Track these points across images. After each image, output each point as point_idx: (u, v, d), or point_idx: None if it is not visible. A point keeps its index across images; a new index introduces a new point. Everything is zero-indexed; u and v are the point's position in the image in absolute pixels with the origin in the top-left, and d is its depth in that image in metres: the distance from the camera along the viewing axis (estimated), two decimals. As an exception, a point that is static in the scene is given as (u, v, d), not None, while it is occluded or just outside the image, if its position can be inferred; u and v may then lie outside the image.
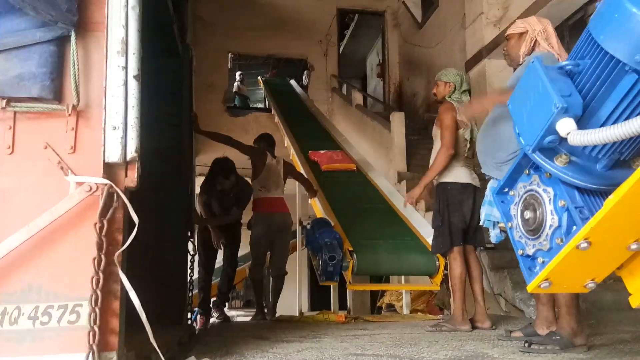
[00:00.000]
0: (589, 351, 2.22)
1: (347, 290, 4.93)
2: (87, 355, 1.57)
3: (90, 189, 1.71)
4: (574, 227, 1.12)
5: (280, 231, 4.74)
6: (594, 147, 1.10)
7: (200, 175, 6.66)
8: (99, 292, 1.62)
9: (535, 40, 2.54)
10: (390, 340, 2.66)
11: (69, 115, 1.78)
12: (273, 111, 9.41)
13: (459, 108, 3.22)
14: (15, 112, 1.78)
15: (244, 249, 5.14)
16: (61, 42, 1.82)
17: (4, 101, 1.73)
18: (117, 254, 1.69)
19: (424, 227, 4.79)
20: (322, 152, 6.42)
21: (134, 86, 1.80)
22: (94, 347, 1.58)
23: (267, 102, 12.00)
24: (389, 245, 4.54)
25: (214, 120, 9.21)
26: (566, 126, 1.05)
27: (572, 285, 1.19)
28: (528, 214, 1.23)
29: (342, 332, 3.12)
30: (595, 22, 1.06)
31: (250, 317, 5.64)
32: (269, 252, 4.86)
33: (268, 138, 5.13)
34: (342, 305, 6.28)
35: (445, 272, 4.47)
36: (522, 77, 1.20)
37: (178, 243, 3.61)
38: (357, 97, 9.55)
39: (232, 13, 10.79)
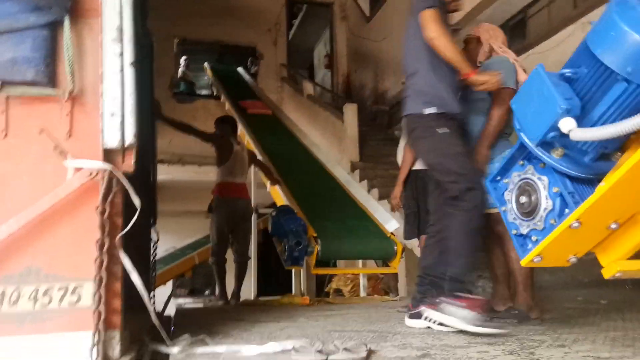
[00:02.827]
0: (543, 323, 2.47)
1: (300, 275, 5.11)
2: (94, 334, 1.63)
3: (91, 173, 1.75)
4: (566, 210, 1.32)
5: (243, 217, 4.81)
6: (585, 142, 1.30)
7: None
8: (103, 274, 1.67)
9: (490, 46, 2.73)
10: (362, 319, 2.83)
11: (65, 100, 1.79)
12: (223, 99, 9.36)
13: None
14: (8, 97, 1.77)
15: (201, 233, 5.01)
16: (54, 27, 1.81)
17: (-2, 84, 1.73)
18: (118, 236, 1.74)
19: (380, 213, 5.00)
20: (248, 101, 8.51)
21: (130, 73, 1.84)
22: (100, 326, 1.64)
23: (213, 89, 11.85)
24: (350, 231, 4.73)
25: (161, 106, 9.03)
26: (568, 124, 1.24)
27: (558, 260, 1.38)
28: (523, 199, 1.42)
29: (313, 313, 3.26)
30: (593, 38, 1.26)
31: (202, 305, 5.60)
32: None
33: (230, 120, 5.14)
34: (288, 290, 6.47)
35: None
36: (526, 81, 1.38)
37: (142, 228, 3.62)
38: (308, 88, 9.65)
39: (180, -2, 10.58)
